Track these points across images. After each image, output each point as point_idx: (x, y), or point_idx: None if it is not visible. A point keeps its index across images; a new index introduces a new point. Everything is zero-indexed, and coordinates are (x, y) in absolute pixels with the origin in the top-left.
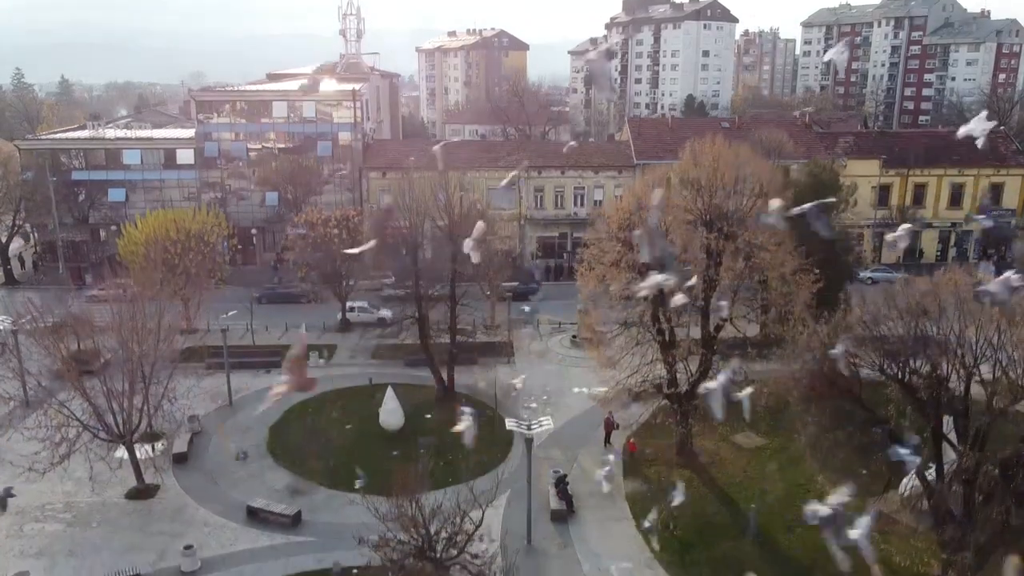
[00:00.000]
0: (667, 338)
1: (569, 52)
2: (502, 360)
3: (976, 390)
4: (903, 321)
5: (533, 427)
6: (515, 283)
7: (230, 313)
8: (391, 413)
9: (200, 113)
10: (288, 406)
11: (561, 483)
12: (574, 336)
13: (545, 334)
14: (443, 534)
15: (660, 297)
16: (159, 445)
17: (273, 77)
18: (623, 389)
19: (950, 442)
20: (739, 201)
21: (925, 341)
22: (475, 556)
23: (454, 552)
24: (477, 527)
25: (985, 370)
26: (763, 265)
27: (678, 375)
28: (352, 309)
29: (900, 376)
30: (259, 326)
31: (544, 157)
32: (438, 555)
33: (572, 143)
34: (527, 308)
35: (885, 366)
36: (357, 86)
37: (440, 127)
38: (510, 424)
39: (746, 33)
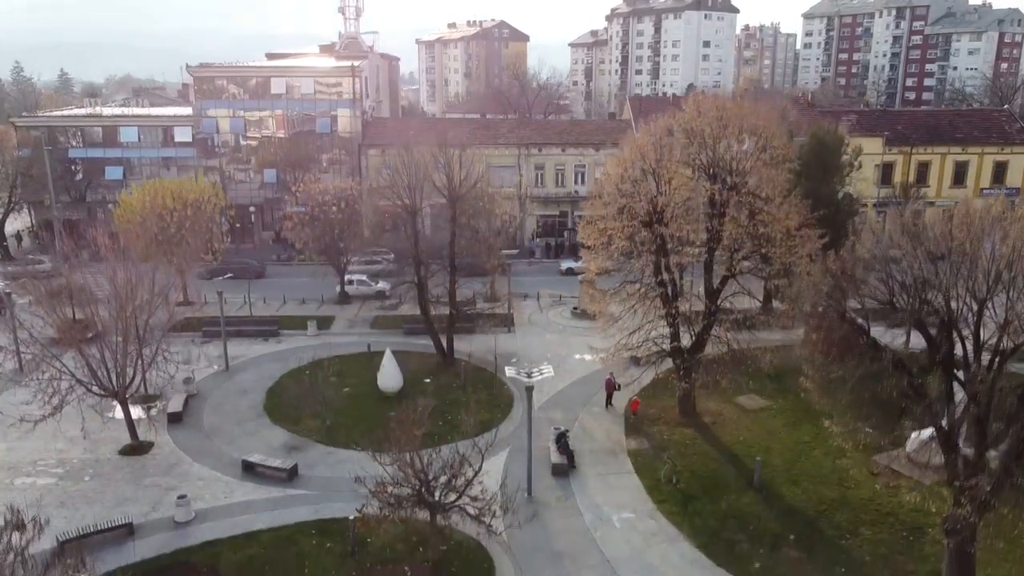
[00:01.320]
0: (670, 291)
1: (570, 44)
2: (502, 330)
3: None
4: (914, 248)
5: (533, 375)
6: (515, 251)
7: (227, 276)
8: (389, 375)
9: (198, 91)
10: (285, 371)
11: (562, 438)
12: (575, 308)
13: (546, 306)
14: (441, 479)
15: (662, 248)
16: (154, 406)
17: (272, 57)
18: (625, 346)
19: (959, 380)
20: (743, 152)
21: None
22: (474, 499)
23: (453, 497)
24: (476, 473)
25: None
26: (767, 219)
27: (680, 329)
28: (351, 282)
29: (911, 304)
30: (256, 299)
31: (544, 135)
32: (436, 499)
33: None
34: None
35: (895, 294)
36: (356, 62)
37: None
38: (510, 372)
39: (747, 27)
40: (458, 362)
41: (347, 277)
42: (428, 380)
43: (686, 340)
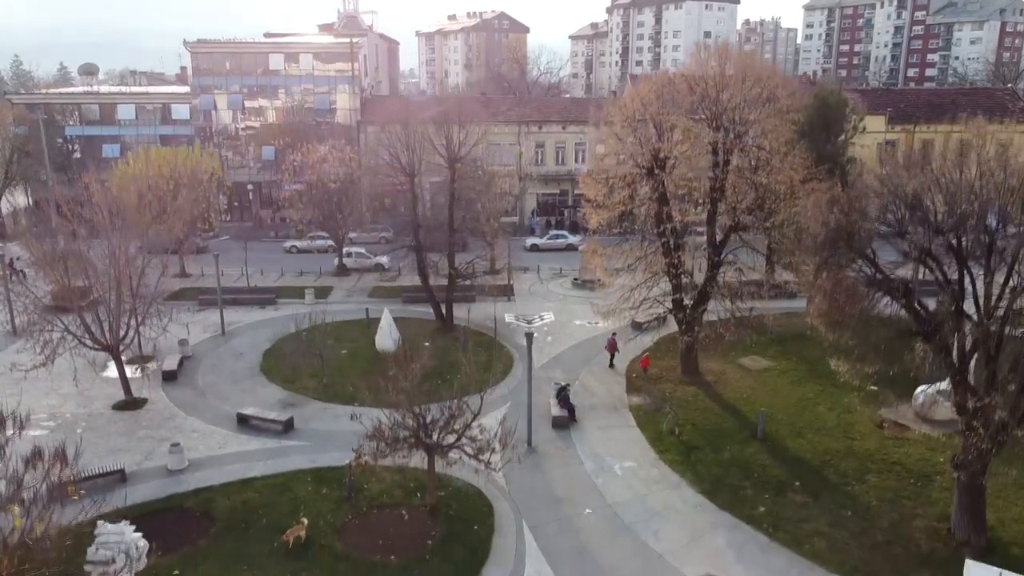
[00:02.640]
0: (671, 243)
1: (570, 37)
2: (502, 299)
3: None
4: (925, 173)
5: (533, 321)
6: (515, 218)
7: (223, 237)
8: (388, 336)
9: (196, 68)
10: (282, 335)
11: (563, 392)
12: (575, 279)
13: (546, 278)
14: (440, 422)
15: (663, 197)
16: (149, 366)
17: (271, 36)
18: (626, 300)
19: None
20: (747, 102)
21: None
22: (473, 440)
23: (451, 439)
24: (475, 415)
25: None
26: (771, 171)
27: (682, 282)
28: (349, 255)
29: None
30: (254, 271)
31: (544, 112)
32: (434, 440)
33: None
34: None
35: (905, 220)
36: (355, 39)
37: None
38: (509, 318)
39: (747, 22)
40: (457, 328)
41: (345, 250)
42: (427, 344)
43: (687, 302)
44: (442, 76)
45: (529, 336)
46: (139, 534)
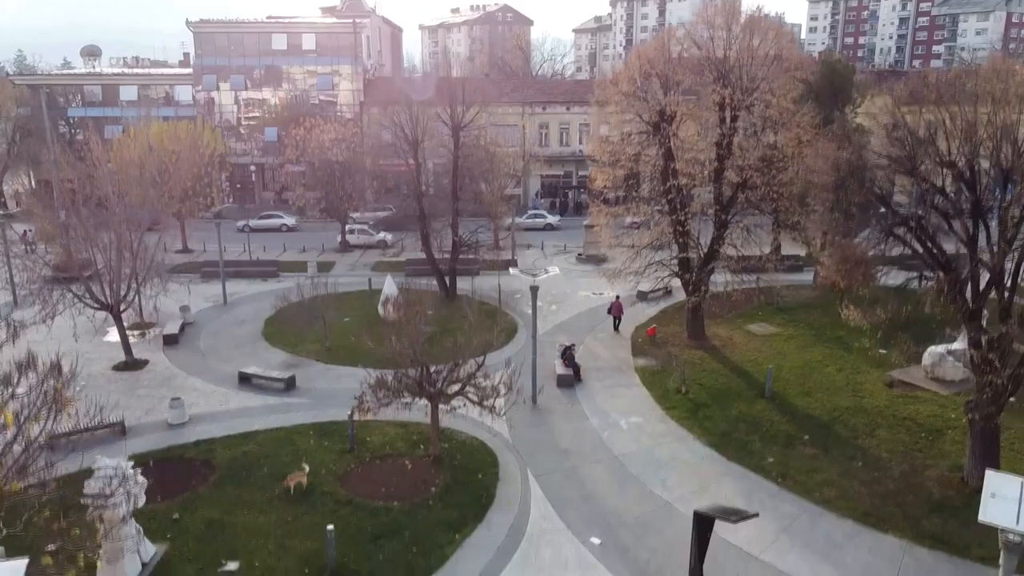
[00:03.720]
0: (677, 201)
1: (573, 30)
2: (505, 273)
3: None
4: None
5: (538, 275)
6: (519, 190)
7: (226, 203)
8: (391, 301)
9: (198, 48)
10: (284, 304)
11: (568, 351)
12: (580, 254)
13: (550, 254)
14: (443, 371)
15: (669, 153)
16: (150, 332)
17: (274, 19)
18: (632, 262)
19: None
20: (754, 59)
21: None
22: (477, 387)
23: (455, 388)
24: (480, 366)
25: None
26: (780, 127)
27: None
28: (352, 231)
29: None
30: (256, 248)
31: (549, 93)
32: (437, 387)
33: None
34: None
35: (915, 155)
36: (358, 19)
37: None
38: (513, 271)
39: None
40: (461, 298)
41: (348, 226)
42: (430, 312)
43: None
44: (446, 64)
45: (534, 289)
46: (138, 470)
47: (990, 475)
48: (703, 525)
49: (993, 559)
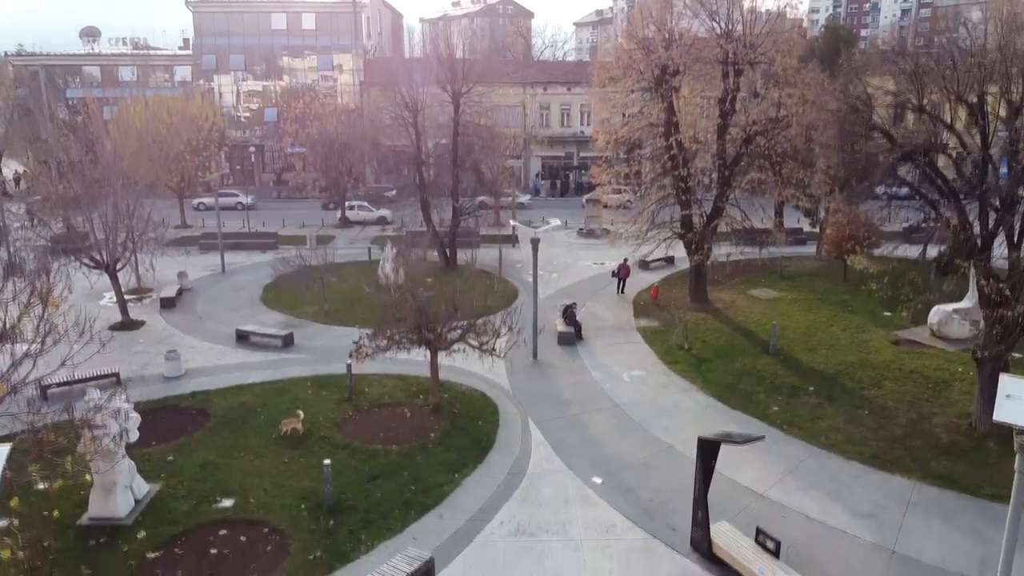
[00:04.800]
0: (679, 158)
1: (575, 24)
2: (506, 245)
3: None
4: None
5: (539, 227)
6: (519, 158)
7: (224, 170)
8: (390, 266)
9: (197, 27)
10: (282, 273)
11: (569, 310)
12: (581, 228)
13: (551, 229)
14: (442, 317)
15: (672, 108)
16: (147, 297)
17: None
18: (635, 223)
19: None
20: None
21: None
22: (478, 333)
23: (455, 335)
24: (479, 316)
25: None
26: (784, 84)
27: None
28: (352, 207)
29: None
30: (256, 223)
31: (550, 73)
32: (438, 333)
33: None
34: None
35: (923, 88)
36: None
37: None
38: (513, 222)
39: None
40: (460, 267)
41: (348, 202)
42: (430, 280)
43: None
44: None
45: (535, 240)
46: (131, 404)
47: (1004, 378)
48: (708, 452)
49: (1004, 497)
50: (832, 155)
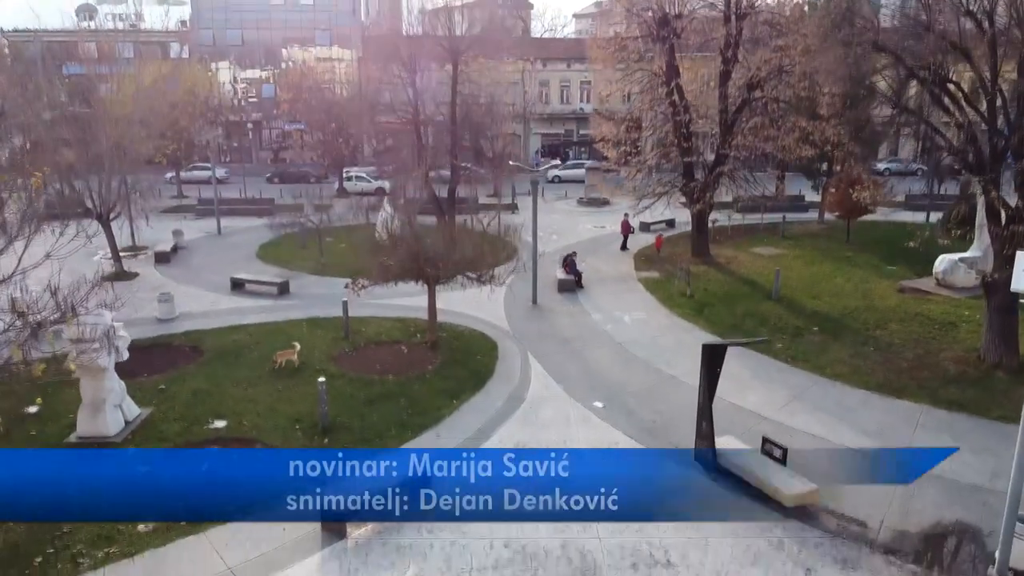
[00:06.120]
0: (683, 104)
1: (574, 15)
2: (507, 212)
3: None
4: None
5: (541, 166)
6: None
7: (218, 134)
8: (387, 222)
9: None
10: (278, 234)
11: (569, 258)
12: (581, 198)
13: (551, 199)
14: (439, 248)
15: (672, 50)
16: (142, 254)
17: None
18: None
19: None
20: None
21: None
22: (475, 266)
23: (452, 270)
24: (480, 253)
25: None
26: (787, 32)
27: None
28: (350, 178)
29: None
30: (252, 193)
31: (549, 50)
32: (435, 265)
33: None
34: None
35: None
36: None
37: None
38: (513, 161)
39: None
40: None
41: (346, 173)
42: (429, 241)
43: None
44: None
45: (534, 183)
46: (121, 323)
47: (1020, 254)
48: (713, 358)
49: (1014, 418)
50: (835, 81)
